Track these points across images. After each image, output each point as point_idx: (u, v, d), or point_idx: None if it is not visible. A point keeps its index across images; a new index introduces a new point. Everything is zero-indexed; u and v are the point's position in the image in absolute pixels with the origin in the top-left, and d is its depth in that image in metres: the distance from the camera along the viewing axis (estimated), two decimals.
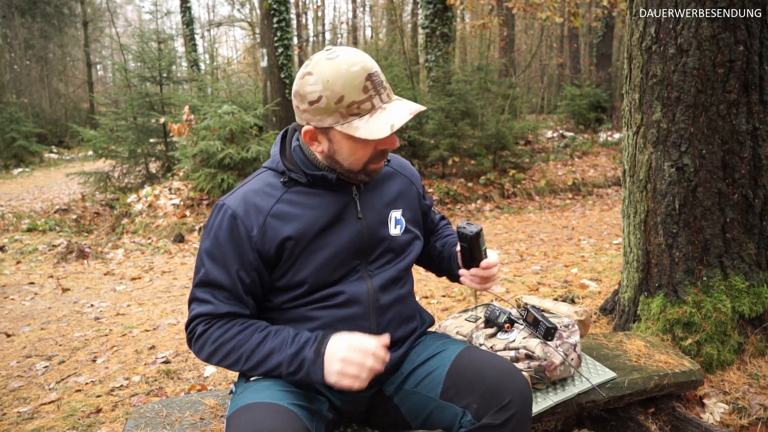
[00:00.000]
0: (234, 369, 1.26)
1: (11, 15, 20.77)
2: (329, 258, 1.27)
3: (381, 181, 1.39)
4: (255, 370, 1.23)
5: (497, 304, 1.78)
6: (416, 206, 1.47)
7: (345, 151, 1.24)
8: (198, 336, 1.25)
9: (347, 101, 1.16)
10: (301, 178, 1.29)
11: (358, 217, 1.31)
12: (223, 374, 2.56)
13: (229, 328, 1.24)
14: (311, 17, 24.81)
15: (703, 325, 2.11)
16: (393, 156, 1.48)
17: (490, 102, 9.30)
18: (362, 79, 1.16)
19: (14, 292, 4.58)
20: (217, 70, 16.03)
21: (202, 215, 7.09)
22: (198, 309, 1.26)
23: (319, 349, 1.19)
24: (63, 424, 2.16)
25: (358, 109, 1.17)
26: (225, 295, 1.25)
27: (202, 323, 1.25)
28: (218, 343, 1.23)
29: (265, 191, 1.28)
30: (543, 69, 21.96)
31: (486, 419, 1.19)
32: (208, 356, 1.25)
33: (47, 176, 13.37)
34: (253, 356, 1.22)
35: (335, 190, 1.31)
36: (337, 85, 1.16)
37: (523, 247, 5.35)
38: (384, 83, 1.21)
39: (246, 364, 1.23)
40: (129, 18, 30.08)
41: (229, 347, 1.22)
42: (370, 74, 1.17)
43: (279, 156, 1.32)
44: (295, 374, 1.20)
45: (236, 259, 1.24)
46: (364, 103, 1.17)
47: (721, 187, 2.09)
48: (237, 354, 1.23)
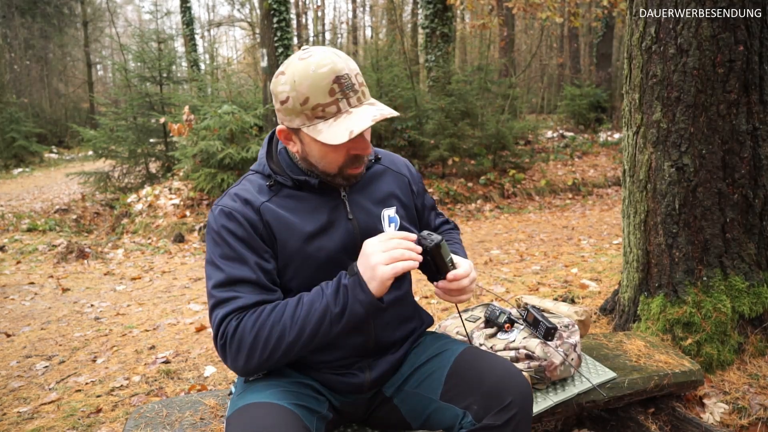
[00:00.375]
0: (280, 353, 1.16)
1: (11, 15, 20.77)
2: (323, 263, 1.26)
3: (371, 180, 1.38)
4: (304, 333, 1.15)
5: (497, 304, 1.78)
6: (411, 204, 1.44)
7: (316, 153, 1.23)
8: (232, 334, 1.16)
9: (312, 103, 1.15)
10: (286, 182, 1.28)
11: (349, 218, 1.30)
12: (223, 374, 2.56)
13: (263, 311, 1.17)
14: (311, 17, 24.82)
15: (703, 325, 2.11)
16: (385, 153, 1.46)
17: (490, 102, 9.30)
18: (329, 82, 1.14)
19: (14, 292, 4.58)
20: (217, 70, 16.02)
21: (202, 215, 7.09)
22: (224, 309, 1.18)
23: (353, 270, 1.16)
24: (63, 424, 2.16)
25: (323, 112, 1.15)
26: (250, 288, 1.20)
27: (234, 319, 1.17)
28: (257, 327, 1.15)
29: (254, 190, 1.28)
30: (543, 69, 21.95)
31: (487, 420, 1.19)
32: (251, 349, 1.15)
33: (47, 176, 13.37)
34: (296, 320, 1.15)
35: (322, 194, 1.30)
36: (303, 86, 1.14)
37: (523, 247, 5.35)
38: (356, 86, 1.17)
39: (292, 332, 1.14)
40: (129, 18, 30.12)
41: (270, 325, 1.15)
42: (339, 77, 1.14)
43: (265, 159, 1.32)
44: (345, 308, 1.14)
45: (249, 250, 1.22)
46: (329, 106, 1.15)
47: (721, 187, 2.09)
48: (280, 327, 1.15)
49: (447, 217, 1.62)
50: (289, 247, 1.25)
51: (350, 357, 1.33)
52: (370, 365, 1.35)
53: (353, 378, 1.33)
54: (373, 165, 1.40)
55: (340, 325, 1.16)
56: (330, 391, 1.34)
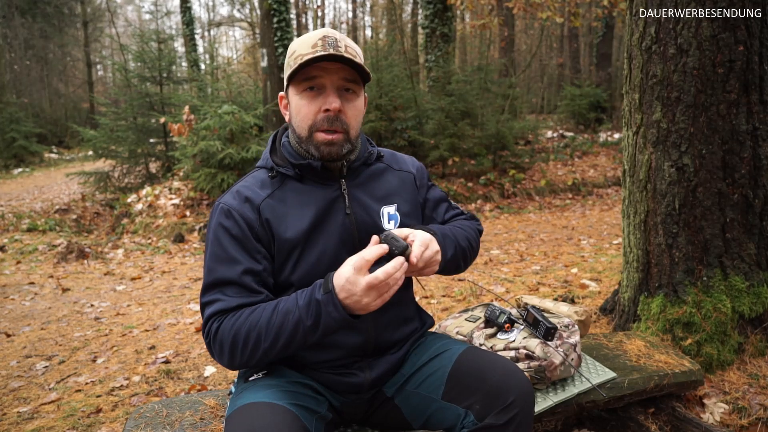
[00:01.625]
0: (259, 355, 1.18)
1: (11, 15, 20.77)
2: (322, 257, 1.27)
3: (372, 177, 1.39)
4: (279, 340, 1.16)
5: (497, 304, 1.78)
6: (415, 201, 1.44)
7: (294, 108, 1.29)
8: (214, 336, 1.20)
9: (296, 54, 1.24)
10: (289, 171, 1.31)
11: (347, 212, 1.31)
12: (223, 374, 2.56)
13: (240, 315, 1.19)
14: (311, 17, 24.82)
15: (703, 325, 2.11)
16: (389, 152, 1.47)
17: (490, 102, 9.29)
18: (315, 38, 1.24)
19: (14, 292, 4.58)
20: (217, 70, 16.01)
21: (202, 215, 7.09)
22: (209, 311, 1.22)
23: (327, 287, 1.14)
24: (63, 424, 2.16)
25: (301, 60, 1.22)
26: (234, 290, 1.22)
27: (216, 322, 1.21)
28: (234, 331, 1.17)
29: (256, 186, 1.31)
30: (543, 69, 21.96)
31: (489, 419, 1.20)
32: (231, 351, 1.18)
33: (47, 176, 13.36)
34: (271, 327, 1.16)
35: (324, 185, 1.32)
36: (296, 44, 1.27)
37: (523, 247, 5.35)
38: (338, 42, 1.23)
39: (267, 339, 1.16)
40: (129, 18, 30.11)
41: (246, 330, 1.17)
42: (325, 36, 1.24)
43: (269, 153, 1.36)
44: (319, 323, 1.14)
45: (241, 251, 1.24)
46: (307, 55, 1.22)
47: (721, 187, 2.09)
48: (255, 333, 1.16)
49: (463, 210, 1.56)
50: (288, 241, 1.26)
51: (350, 357, 1.33)
52: (369, 365, 1.35)
53: (353, 378, 1.33)
54: (375, 163, 1.41)
55: (315, 335, 1.16)
56: (330, 391, 1.34)
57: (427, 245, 1.21)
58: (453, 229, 1.40)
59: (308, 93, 1.26)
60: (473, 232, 1.47)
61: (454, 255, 1.35)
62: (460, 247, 1.37)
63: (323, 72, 1.24)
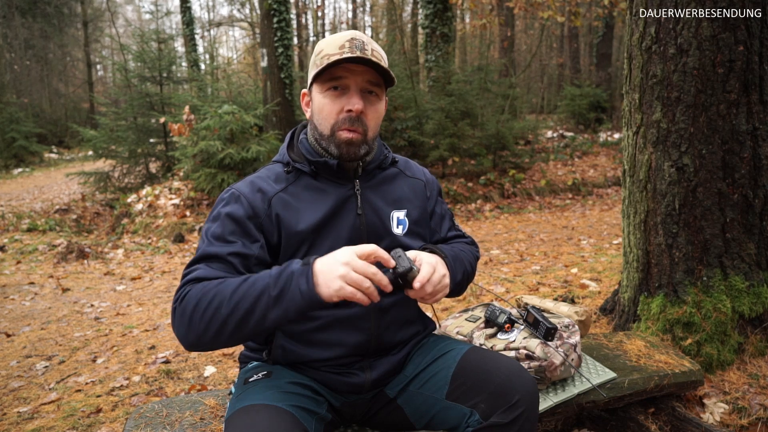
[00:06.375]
0: (216, 326, 1.08)
1: (11, 15, 20.76)
2: (327, 252, 1.26)
3: (385, 181, 1.41)
4: (238, 309, 1.07)
5: (497, 304, 1.78)
6: (424, 209, 1.45)
7: (316, 106, 1.30)
8: (181, 300, 1.12)
9: (323, 54, 1.26)
10: (304, 168, 1.33)
11: (358, 213, 1.33)
12: (223, 374, 2.56)
13: (211, 282, 1.13)
14: (311, 17, 24.81)
15: (703, 325, 2.11)
16: (403, 159, 1.49)
17: (490, 102, 9.30)
18: (343, 40, 1.25)
19: (14, 292, 4.58)
20: (217, 70, 16.03)
21: (202, 215, 7.09)
22: (187, 278, 1.16)
23: (307, 261, 1.09)
24: (63, 424, 2.16)
25: (327, 60, 1.24)
26: (219, 266, 1.18)
27: (190, 286, 1.14)
28: (200, 294, 1.10)
29: (271, 179, 1.33)
30: (543, 69, 21.95)
31: (494, 418, 1.20)
32: (190, 316, 1.09)
33: (47, 176, 13.37)
34: (235, 293, 1.08)
35: (338, 183, 1.33)
36: (323, 44, 1.28)
37: (523, 247, 5.35)
38: (365, 45, 1.25)
39: (228, 306, 1.07)
40: (129, 18, 30.11)
41: (212, 294, 1.09)
42: (353, 38, 1.25)
43: (286, 149, 1.38)
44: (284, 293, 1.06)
45: (238, 234, 1.23)
46: (334, 55, 1.23)
47: (721, 187, 2.09)
48: (218, 298, 1.08)
49: (464, 232, 1.55)
50: (299, 233, 1.27)
51: (350, 356, 1.33)
52: (370, 365, 1.35)
53: (353, 378, 1.33)
54: (389, 167, 1.43)
55: (276, 310, 1.06)
56: (330, 392, 1.34)
57: (435, 268, 1.20)
58: (459, 253, 1.41)
59: (332, 92, 1.27)
60: (473, 258, 1.48)
61: (462, 279, 1.37)
62: (467, 272, 1.40)
63: (348, 73, 1.26)
